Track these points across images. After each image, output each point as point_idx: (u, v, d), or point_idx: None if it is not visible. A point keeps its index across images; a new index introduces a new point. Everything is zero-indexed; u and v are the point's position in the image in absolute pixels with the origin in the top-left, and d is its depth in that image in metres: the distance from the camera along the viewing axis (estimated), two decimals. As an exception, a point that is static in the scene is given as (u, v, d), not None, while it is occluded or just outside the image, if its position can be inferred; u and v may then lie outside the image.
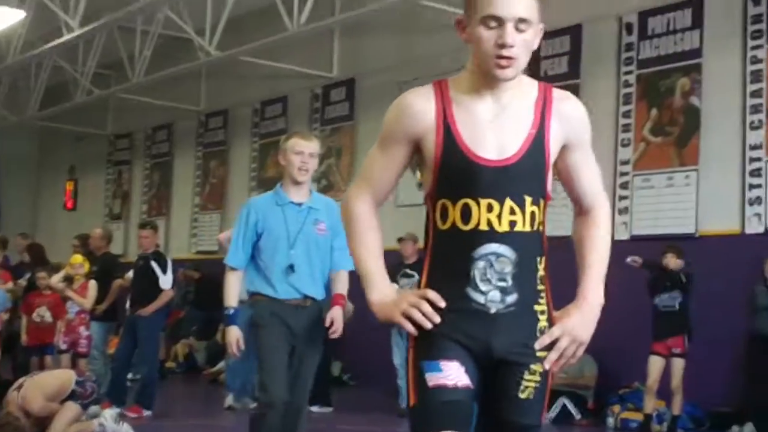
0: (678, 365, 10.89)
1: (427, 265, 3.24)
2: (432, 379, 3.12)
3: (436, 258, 3.22)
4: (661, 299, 11.05)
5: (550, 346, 3.17)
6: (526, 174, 3.13)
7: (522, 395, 3.17)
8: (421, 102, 3.18)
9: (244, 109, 19.56)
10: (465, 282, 3.14)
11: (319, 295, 6.43)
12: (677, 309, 11.00)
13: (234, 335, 6.36)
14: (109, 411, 9.76)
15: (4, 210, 25.70)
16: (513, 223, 3.13)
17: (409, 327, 3.14)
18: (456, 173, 3.13)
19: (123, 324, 12.45)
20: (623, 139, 12.94)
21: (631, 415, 11.68)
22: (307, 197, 6.46)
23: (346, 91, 17.29)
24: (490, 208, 3.11)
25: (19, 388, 8.87)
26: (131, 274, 12.46)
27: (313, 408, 11.34)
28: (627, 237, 12.69)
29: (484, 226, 3.11)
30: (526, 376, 3.16)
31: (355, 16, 15.08)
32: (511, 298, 3.14)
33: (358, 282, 3.40)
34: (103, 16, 16.90)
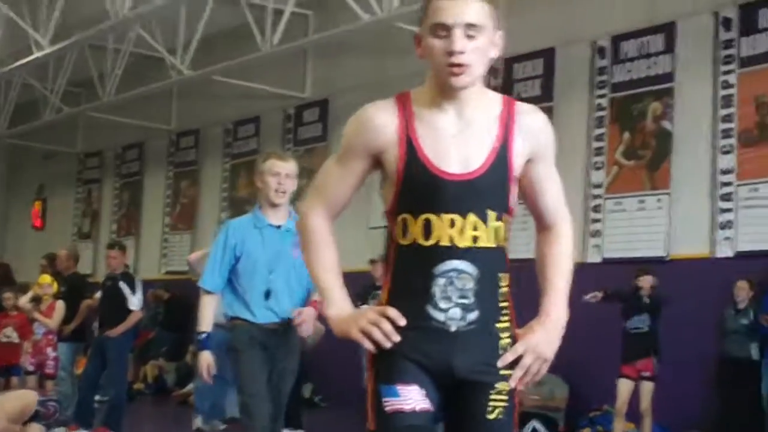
0: (647, 388, 10.88)
1: (388, 281, 3.17)
2: (390, 403, 3.05)
3: (396, 275, 3.15)
4: (631, 321, 11.07)
5: (514, 364, 3.09)
6: (490, 188, 3.07)
7: (491, 416, 3.08)
8: (382, 115, 3.12)
9: (215, 128, 19.48)
10: (425, 299, 3.06)
11: None
12: (646, 331, 11.02)
13: (205, 360, 6.26)
14: (76, 433, 9.69)
15: (-28, 229, 25.55)
16: (475, 239, 3.06)
17: (368, 345, 3.06)
18: (418, 187, 3.06)
19: (91, 345, 12.34)
20: (596, 162, 12.96)
21: (601, 437, 11.70)
22: (286, 219, 6.33)
23: (319, 112, 17.25)
24: (452, 224, 3.05)
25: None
26: (100, 295, 12.37)
27: (285, 431, 11.26)
28: (599, 260, 12.71)
29: (445, 242, 3.05)
30: (492, 396, 3.08)
31: (329, 36, 15.10)
32: (473, 316, 3.07)
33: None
34: (74, 34, 16.84)
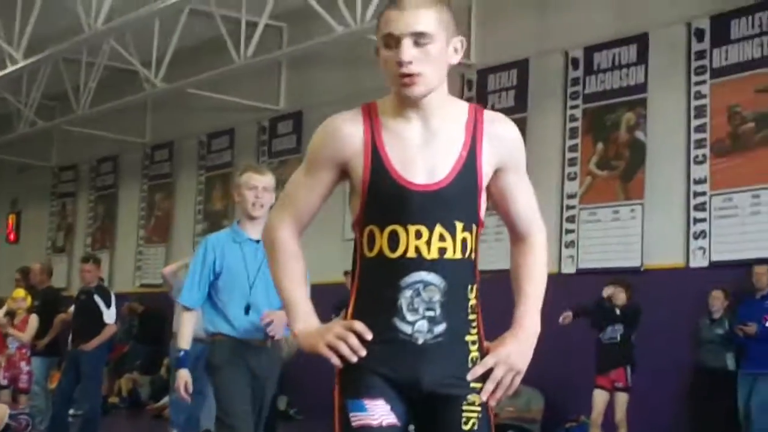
0: (621, 399, 10.92)
1: (354, 294, 3.12)
2: (357, 418, 3.01)
3: (362, 287, 3.10)
4: (605, 333, 11.13)
5: (484, 377, 3.04)
6: (457, 198, 3.02)
7: (466, 427, 3.03)
8: (348, 126, 3.08)
9: (190, 141, 19.45)
10: (392, 312, 3.01)
11: (280, 335, 6.21)
12: (619, 341, 11.08)
13: (182, 378, 6.16)
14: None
15: (-55, 243, 25.38)
16: (443, 251, 3.01)
17: (335, 360, 3.02)
18: (384, 198, 3.02)
19: (65, 359, 12.28)
20: (569, 173, 12.99)
21: (577, 448, 11.71)
22: None
23: (293, 124, 17.25)
24: (418, 235, 3.00)
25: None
26: (74, 308, 12.31)
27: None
28: (573, 270, 12.73)
29: (411, 254, 3.00)
30: (465, 408, 3.03)
31: (303, 49, 15.08)
32: (440, 328, 3.00)
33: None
34: (47, 47, 16.78)
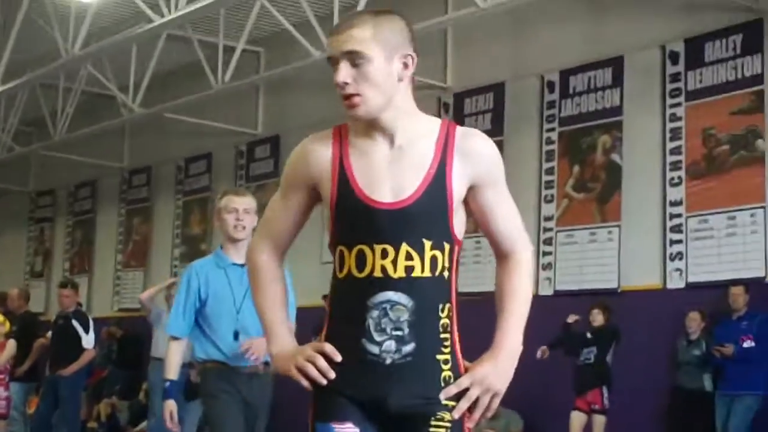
0: (598, 421, 10.98)
1: (327, 315, 3.11)
2: None
3: (334, 308, 3.09)
4: (580, 355, 11.23)
5: (459, 397, 2.99)
6: (424, 216, 2.96)
7: None
8: (317, 147, 3.09)
9: (167, 166, 19.44)
10: (360, 332, 2.98)
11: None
12: (592, 362, 11.16)
13: (168, 408, 6.12)
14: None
15: None
16: (410, 269, 2.96)
17: (304, 382, 3.03)
18: (351, 218, 3.01)
19: (43, 384, 12.25)
20: (546, 196, 13.06)
21: (556, 470, 11.72)
22: None
23: (270, 148, 17.27)
24: (384, 254, 2.96)
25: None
26: (51, 334, 12.29)
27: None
28: (551, 292, 12.77)
29: (378, 273, 2.97)
30: (433, 423, 2.97)
31: (280, 73, 15.13)
32: (408, 348, 2.96)
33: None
34: (25, 73, 16.77)
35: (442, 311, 3.01)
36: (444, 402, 2.98)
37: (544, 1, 11.59)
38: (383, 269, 2.97)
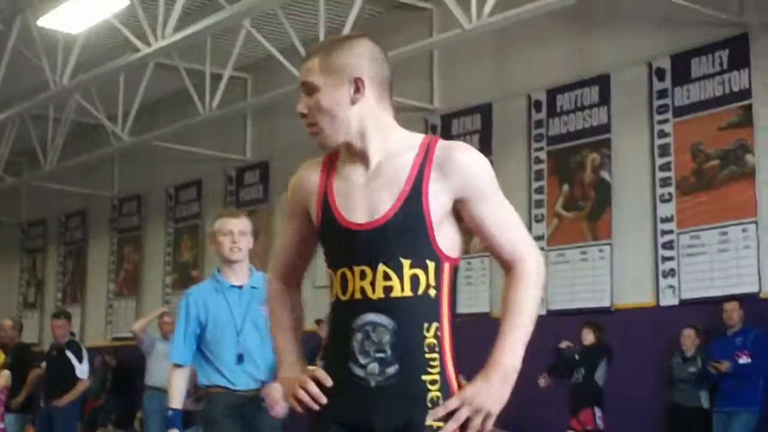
0: (592, 443, 10.98)
1: (324, 340, 3.16)
2: None
3: (328, 332, 3.11)
4: (573, 375, 11.26)
5: (448, 418, 2.91)
6: (400, 235, 2.93)
7: None
8: (308, 173, 3.12)
9: (157, 193, 19.44)
10: (347, 355, 2.97)
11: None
12: (581, 382, 11.17)
13: None
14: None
15: None
16: (388, 289, 2.93)
17: (298, 408, 3.05)
18: (333, 241, 3.04)
19: (38, 415, 12.21)
20: (536, 215, 13.06)
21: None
22: (248, 278, 6.12)
23: (260, 173, 17.28)
24: (363, 276, 2.95)
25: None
26: (45, 364, 12.26)
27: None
28: (543, 312, 12.73)
29: (358, 295, 2.96)
30: None
31: (267, 99, 15.15)
32: (392, 369, 2.92)
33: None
34: (14, 104, 16.78)
35: (428, 330, 2.95)
36: (430, 424, 2.91)
37: (529, 20, 11.60)
38: (362, 291, 2.96)
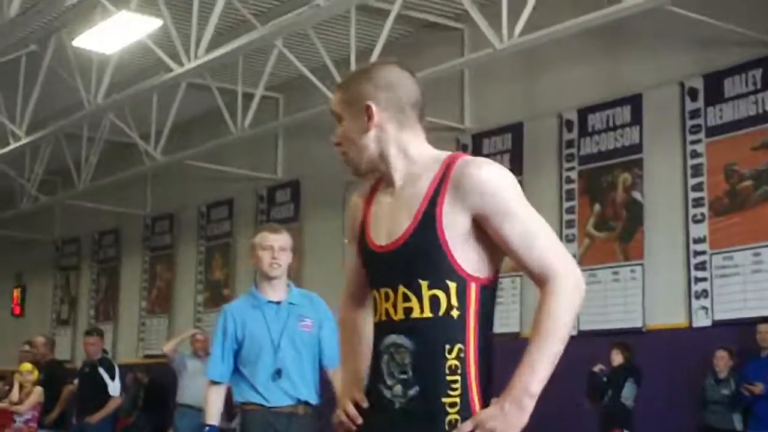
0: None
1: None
2: None
3: (371, 354, 3.13)
4: (603, 398, 11.26)
5: None
6: (416, 256, 2.90)
7: None
8: (356, 199, 3.18)
9: (189, 212, 19.54)
10: (377, 377, 2.99)
11: (313, 399, 5.95)
12: (608, 404, 11.15)
13: None
14: None
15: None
16: (408, 311, 2.91)
17: (338, 429, 3.09)
18: (365, 265, 3.08)
19: (70, 432, 12.28)
20: (567, 235, 13.01)
21: None
22: (286, 294, 6.05)
23: (291, 192, 17.33)
24: (387, 297, 2.96)
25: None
26: (78, 381, 12.32)
27: None
28: (575, 332, 12.66)
29: (383, 317, 2.97)
30: None
31: (298, 118, 15.21)
32: (413, 391, 2.89)
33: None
34: (49, 124, 16.92)
35: (450, 352, 2.89)
36: None
37: (560, 40, 11.58)
38: (387, 313, 2.97)
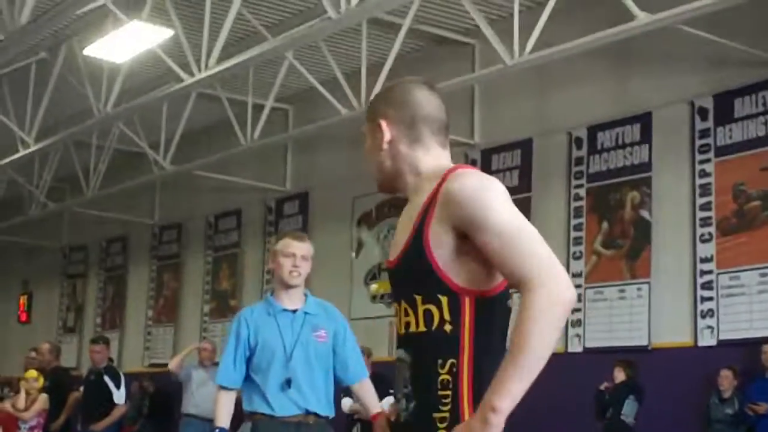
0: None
1: None
2: None
3: None
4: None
5: None
6: (409, 272, 2.91)
7: None
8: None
9: (197, 222, 19.55)
10: (396, 390, 3.03)
11: (323, 411, 5.86)
12: (610, 420, 11.15)
13: None
14: None
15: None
16: (407, 325, 2.93)
17: None
18: None
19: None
20: (574, 252, 13.01)
21: None
22: (302, 303, 5.97)
23: (299, 204, 17.34)
24: (396, 312, 3.01)
25: None
26: (83, 389, 12.34)
27: None
28: (580, 349, 12.70)
29: (396, 331, 3.03)
30: None
31: (308, 130, 15.23)
32: (412, 405, 2.91)
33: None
34: (58, 131, 16.95)
35: (442, 367, 2.87)
36: None
37: (571, 57, 11.59)
38: (396, 327, 3.03)
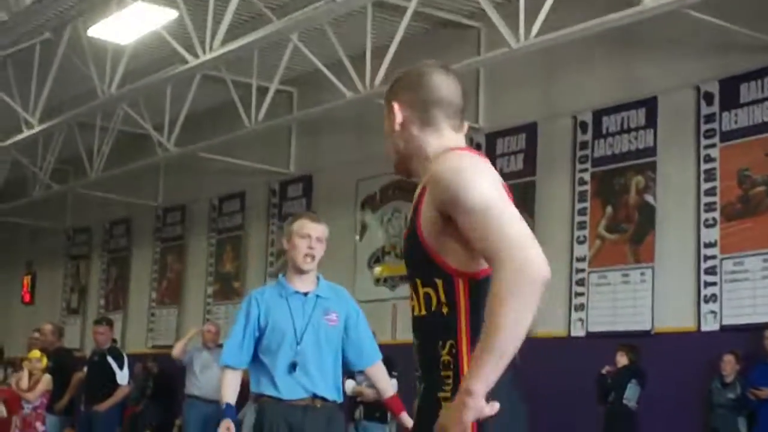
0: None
1: None
2: None
3: None
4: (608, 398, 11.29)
5: None
6: (409, 256, 2.97)
7: None
8: None
9: (201, 204, 19.56)
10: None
11: (331, 395, 5.80)
12: (612, 405, 11.17)
13: (224, 426, 5.75)
14: None
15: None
16: (413, 309, 2.99)
17: None
18: None
19: (77, 420, 12.31)
20: (579, 236, 13.00)
21: None
22: (314, 285, 5.91)
23: (303, 187, 17.33)
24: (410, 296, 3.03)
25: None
26: (86, 369, 12.37)
27: None
28: (583, 334, 12.70)
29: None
30: None
31: (312, 113, 15.22)
32: (422, 387, 2.97)
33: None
34: (62, 112, 16.94)
35: (443, 348, 2.90)
36: None
37: (577, 41, 11.56)
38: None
